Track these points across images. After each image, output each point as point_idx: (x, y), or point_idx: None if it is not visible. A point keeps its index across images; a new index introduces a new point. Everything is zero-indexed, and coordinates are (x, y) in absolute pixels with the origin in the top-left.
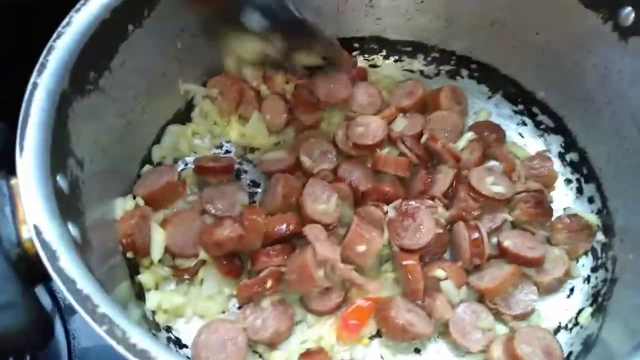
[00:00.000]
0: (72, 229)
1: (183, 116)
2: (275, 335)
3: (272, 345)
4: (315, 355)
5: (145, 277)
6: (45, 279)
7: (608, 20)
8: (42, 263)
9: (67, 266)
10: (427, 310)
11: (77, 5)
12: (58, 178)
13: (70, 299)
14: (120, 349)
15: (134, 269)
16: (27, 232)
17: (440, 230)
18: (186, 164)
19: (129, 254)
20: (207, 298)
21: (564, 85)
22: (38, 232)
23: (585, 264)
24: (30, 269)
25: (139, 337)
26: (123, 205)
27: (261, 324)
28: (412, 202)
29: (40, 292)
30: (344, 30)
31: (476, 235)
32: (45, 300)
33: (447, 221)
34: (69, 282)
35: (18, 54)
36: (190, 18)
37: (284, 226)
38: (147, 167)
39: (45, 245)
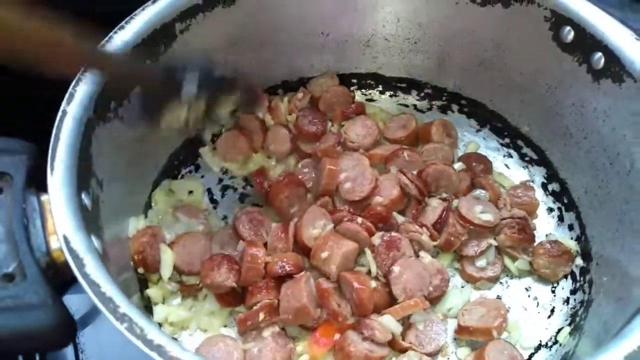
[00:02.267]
0: (95, 241)
1: (191, 146)
2: None
3: None
4: None
5: (153, 292)
6: (71, 284)
7: (582, 63)
8: (69, 270)
9: (92, 272)
10: (370, 337)
11: (102, 42)
12: (83, 196)
13: (95, 300)
14: (139, 344)
15: (142, 283)
16: (55, 243)
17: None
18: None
19: (140, 270)
20: (210, 313)
21: (545, 121)
22: (67, 242)
23: (565, 287)
24: (57, 276)
25: (156, 334)
26: (136, 224)
27: (257, 353)
28: (394, 233)
29: None
30: (343, 67)
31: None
32: None
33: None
34: (94, 286)
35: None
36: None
37: (281, 266)
38: (161, 186)
39: (73, 253)
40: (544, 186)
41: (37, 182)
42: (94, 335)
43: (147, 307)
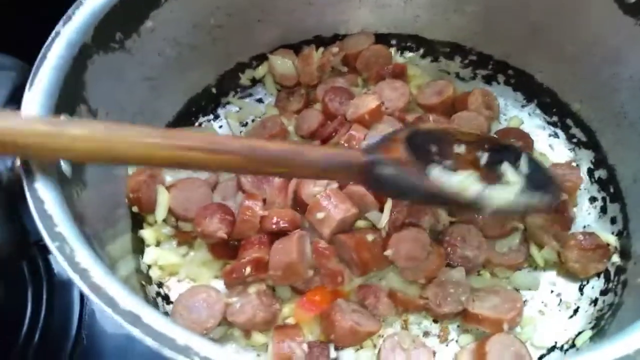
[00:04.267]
0: (64, 164)
1: (211, 95)
2: (249, 323)
3: (247, 332)
4: (288, 330)
5: (147, 233)
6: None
7: None
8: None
9: (41, 188)
10: (370, 308)
11: None
12: (62, 117)
13: (35, 216)
14: (65, 264)
15: (138, 223)
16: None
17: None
18: None
19: (134, 209)
20: (201, 263)
21: (598, 97)
22: None
23: (595, 286)
24: (20, 191)
25: (84, 258)
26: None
27: (239, 308)
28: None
29: None
30: (381, 25)
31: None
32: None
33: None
34: (38, 202)
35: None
36: None
37: (276, 221)
38: None
39: (27, 166)
40: (590, 172)
41: (21, 100)
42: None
43: (139, 249)
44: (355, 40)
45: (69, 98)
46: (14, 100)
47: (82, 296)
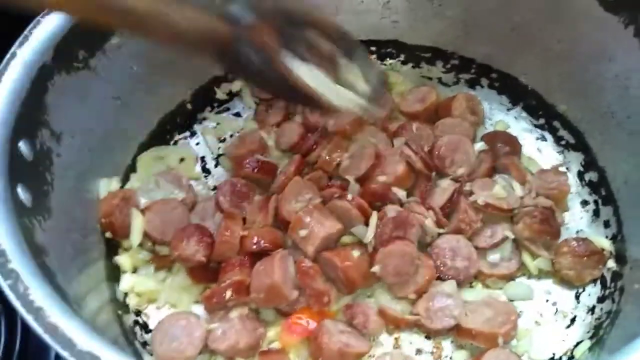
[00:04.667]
0: (22, 192)
1: (186, 111)
2: (231, 350)
3: (230, 359)
4: (274, 356)
5: (123, 259)
6: None
7: (629, 25)
8: None
9: None
10: (359, 328)
11: None
12: (21, 144)
13: None
14: (17, 304)
15: (113, 249)
16: None
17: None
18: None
19: (108, 235)
20: (180, 288)
21: (585, 98)
22: None
23: (591, 294)
24: None
25: (40, 296)
26: (107, 186)
27: (220, 334)
28: (412, 216)
29: None
30: (360, 32)
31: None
32: None
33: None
34: None
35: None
36: None
37: (257, 241)
38: (149, 151)
39: None
40: (580, 175)
41: None
42: None
43: (113, 276)
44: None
45: (27, 122)
46: None
47: None
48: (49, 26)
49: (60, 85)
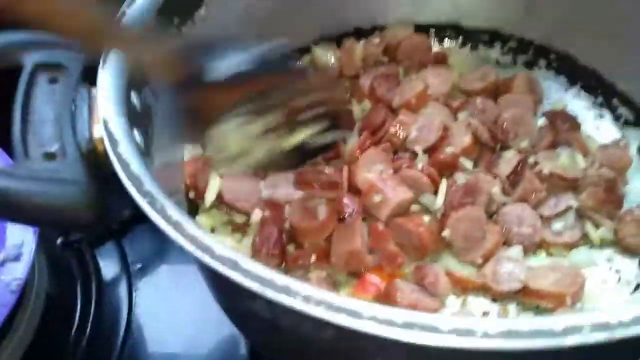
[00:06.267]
0: (138, 136)
1: None
2: None
3: None
4: None
5: (202, 219)
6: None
7: None
8: (107, 155)
9: (125, 152)
10: (429, 289)
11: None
12: (132, 94)
13: (123, 178)
14: (157, 220)
15: (194, 210)
16: (98, 132)
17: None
18: None
19: (191, 194)
20: None
21: None
22: (106, 124)
23: None
24: (96, 162)
25: (174, 210)
26: (192, 151)
27: None
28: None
29: (111, 256)
30: (420, 15)
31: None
32: (115, 266)
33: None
34: (125, 165)
35: None
36: None
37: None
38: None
39: (110, 134)
40: None
41: (92, 79)
42: (148, 286)
43: None
44: (395, 31)
45: (136, 77)
46: (86, 78)
47: (129, 294)
48: None
49: None
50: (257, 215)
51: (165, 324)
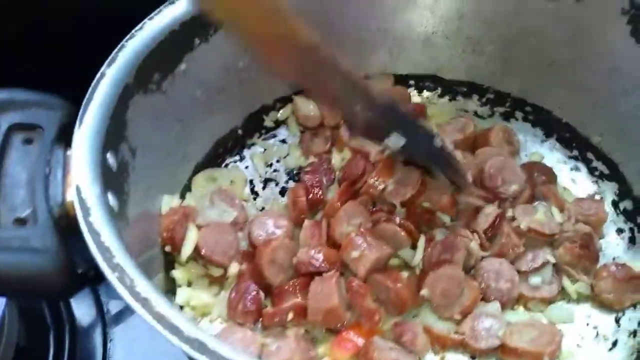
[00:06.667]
0: (111, 199)
1: (237, 137)
2: None
3: None
4: None
5: (178, 273)
6: (80, 237)
7: None
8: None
9: (96, 221)
10: (408, 346)
11: (151, 15)
12: (108, 155)
13: (93, 248)
14: (126, 296)
15: (170, 264)
16: (71, 196)
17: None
18: None
19: (167, 249)
20: None
21: (619, 129)
22: (78, 191)
23: (632, 318)
24: (69, 227)
25: (144, 288)
26: (169, 202)
27: (275, 350)
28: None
29: (86, 302)
30: (400, 67)
31: None
32: (90, 312)
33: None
34: (95, 234)
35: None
36: None
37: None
38: (203, 172)
39: (82, 202)
40: (615, 204)
41: (68, 139)
42: (124, 334)
43: (171, 290)
44: (375, 82)
45: (113, 135)
46: (62, 138)
47: (104, 343)
48: (132, 49)
49: (138, 104)
50: (234, 268)
51: None
